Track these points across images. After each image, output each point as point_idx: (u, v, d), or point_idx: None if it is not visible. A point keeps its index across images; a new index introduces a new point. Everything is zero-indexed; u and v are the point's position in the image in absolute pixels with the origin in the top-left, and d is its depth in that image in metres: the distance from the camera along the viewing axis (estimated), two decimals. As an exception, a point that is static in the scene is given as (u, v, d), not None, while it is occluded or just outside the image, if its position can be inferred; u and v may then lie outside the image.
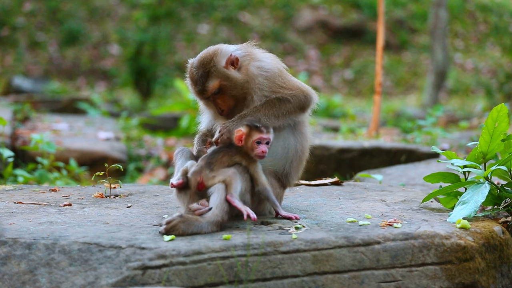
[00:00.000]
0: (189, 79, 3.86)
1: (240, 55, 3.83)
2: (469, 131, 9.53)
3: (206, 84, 3.77)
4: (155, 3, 17.10)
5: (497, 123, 4.07)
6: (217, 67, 3.78)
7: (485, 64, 19.77)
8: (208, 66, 3.78)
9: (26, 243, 3.32)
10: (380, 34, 8.58)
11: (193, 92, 3.86)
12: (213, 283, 3.24)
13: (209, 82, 3.77)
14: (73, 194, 4.41)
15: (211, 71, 3.77)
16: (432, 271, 3.44)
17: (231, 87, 3.78)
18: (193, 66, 3.82)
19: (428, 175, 4.31)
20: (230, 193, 3.54)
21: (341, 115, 13.69)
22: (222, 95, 3.79)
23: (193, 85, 3.83)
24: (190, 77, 3.84)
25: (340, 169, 7.25)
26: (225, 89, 3.77)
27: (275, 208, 3.75)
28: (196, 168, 3.63)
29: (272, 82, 3.81)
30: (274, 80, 3.81)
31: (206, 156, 3.67)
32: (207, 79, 3.77)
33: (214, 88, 3.77)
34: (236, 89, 3.78)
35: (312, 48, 19.81)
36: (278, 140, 3.80)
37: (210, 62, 3.78)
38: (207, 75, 3.77)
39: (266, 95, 3.80)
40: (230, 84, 3.77)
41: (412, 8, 21.39)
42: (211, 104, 3.86)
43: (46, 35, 18.93)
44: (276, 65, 3.88)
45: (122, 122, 11.06)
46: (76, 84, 17.77)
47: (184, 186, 3.69)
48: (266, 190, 3.68)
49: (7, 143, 7.33)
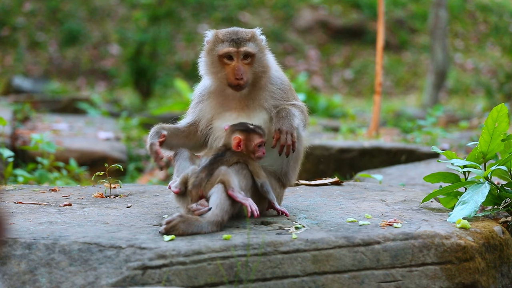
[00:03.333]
0: (218, 38, 3.81)
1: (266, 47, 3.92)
2: (469, 131, 9.53)
3: (247, 42, 3.78)
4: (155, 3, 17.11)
5: (497, 123, 4.07)
6: (258, 38, 3.85)
7: (485, 64, 19.76)
8: (250, 33, 3.83)
9: (26, 243, 3.32)
10: (380, 34, 8.58)
11: (223, 48, 3.78)
12: (213, 283, 3.24)
13: (251, 43, 3.79)
14: (73, 194, 4.41)
15: (254, 37, 3.82)
16: (432, 271, 3.44)
17: (260, 63, 3.81)
18: (226, 30, 3.84)
19: (428, 175, 4.31)
20: (230, 188, 3.54)
21: (341, 115, 13.68)
22: (248, 64, 3.79)
23: (226, 40, 3.79)
24: (222, 35, 3.81)
25: (340, 169, 7.25)
26: (255, 60, 3.80)
27: (271, 201, 3.75)
28: (196, 180, 3.61)
29: (286, 91, 3.88)
30: (288, 91, 3.89)
31: (205, 167, 3.65)
32: (249, 40, 3.79)
33: (251, 50, 3.78)
34: (262, 68, 3.82)
35: (312, 48, 19.81)
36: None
37: (253, 32, 3.85)
38: (251, 38, 3.81)
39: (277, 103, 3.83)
40: (262, 59, 3.82)
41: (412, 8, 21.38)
42: (229, 69, 3.78)
43: (46, 35, 18.93)
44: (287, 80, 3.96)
45: (122, 122, 11.05)
46: (76, 84, 17.77)
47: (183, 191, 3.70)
48: (266, 183, 3.71)
49: (7, 143, 7.33)
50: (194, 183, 3.60)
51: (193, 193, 3.58)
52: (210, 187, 3.57)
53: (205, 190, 3.58)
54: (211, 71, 3.85)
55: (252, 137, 3.69)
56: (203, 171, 3.63)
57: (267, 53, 3.89)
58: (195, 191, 3.58)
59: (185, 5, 20.13)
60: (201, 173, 3.63)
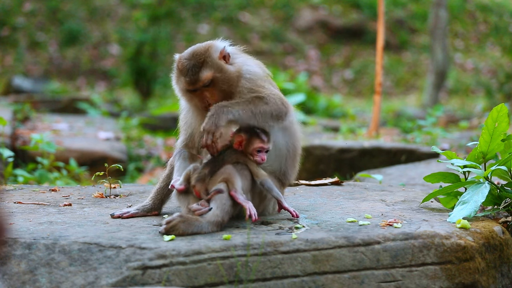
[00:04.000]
0: (178, 70, 3.75)
1: (232, 51, 3.82)
2: (469, 131, 9.53)
3: (199, 74, 3.68)
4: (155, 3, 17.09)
5: (497, 123, 4.07)
6: (212, 57, 3.73)
7: (485, 64, 19.77)
8: (202, 57, 3.72)
9: (26, 243, 3.32)
10: (380, 34, 8.58)
11: (182, 84, 3.74)
12: (213, 283, 3.24)
13: (203, 71, 3.69)
14: (73, 194, 4.41)
15: (206, 61, 3.71)
16: (432, 271, 3.44)
17: (223, 80, 3.71)
18: (184, 57, 3.75)
19: (428, 175, 4.31)
20: (234, 188, 3.54)
21: (341, 115, 13.69)
22: (211, 88, 3.71)
23: (183, 75, 3.71)
24: (180, 68, 3.73)
25: (340, 169, 7.25)
26: (216, 82, 3.70)
27: (278, 199, 3.72)
28: (199, 176, 3.62)
29: (254, 84, 3.77)
30: (256, 82, 3.77)
31: (208, 163, 3.66)
32: (201, 68, 3.69)
33: (207, 78, 3.69)
34: (227, 83, 3.72)
35: (312, 48, 19.81)
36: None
37: (205, 53, 3.73)
38: (201, 65, 3.70)
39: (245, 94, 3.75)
40: (222, 77, 3.71)
41: (412, 8, 21.39)
42: (197, 99, 3.75)
43: (46, 35, 18.93)
44: (262, 71, 3.86)
45: (122, 122, 11.05)
46: (76, 84, 17.77)
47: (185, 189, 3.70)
48: (267, 181, 3.68)
49: (7, 143, 7.33)
50: (198, 178, 3.60)
51: (196, 187, 3.58)
52: (213, 184, 3.57)
53: (207, 186, 3.59)
54: (183, 98, 3.86)
55: (253, 140, 3.68)
56: (206, 167, 3.63)
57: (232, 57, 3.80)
58: (198, 185, 3.58)
59: (185, 5, 20.14)
60: (203, 169, 3.64)
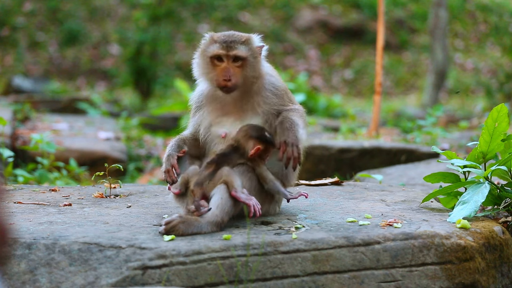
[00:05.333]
0: (213, 39, 3.80)
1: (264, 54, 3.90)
2: (469, 131, 9.53)
3: (238, 46, 3.75)
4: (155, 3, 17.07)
5: (497, 123, 4.07)
6: (252, 43, 3.82)
7: (485, 64, 19.76)
8: (245, 37, 3.81)
9: (26, 243, 3.32)
10: (380, 34, 8.58)
11: (215, 49, 3.77)
12: (213, 283, 3.24)
13: (242, 47, 3.76)
14: (73, 194, 4.41)
15: (247, 41, 3.80)
16: (432, 271, 3.44)
17: (251, 67, 3.78)
18: (224, 32, 3.84)
19: (428, 175, 4.31)
20: (233, 188, 3.53)
21: (341, 115, 13.68)
22: (239, 67, 3.77)
23: (219, 42, 3.77)
24: (217, 36, 3.80)
25: (340, 169, 7.25)
26: (246, 64, 3.77)
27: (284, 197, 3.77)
28: (199, 179, 3.60)
29: (279, 97, 3.84)
30: (281, 96, 3.85)
31: (210, 163, 3.64)
32: (241, 44, 3.77)
33: (242, 53, 3.75)
34: (252, 73, 3.78)
35: (312, 48, 19.80)
36: None
37: (248, 36, 3.83)
38: (242, 42, 3.78)
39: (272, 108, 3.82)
40: (253, 63, 3.78)
41: (412, 8, 21.38)
42: (218, 71, 3.78)
43: (46, 35, 18.93)
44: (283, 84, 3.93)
45: (122, 122, 11.05)
46: (76, 84, 17.77)
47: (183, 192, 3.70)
48: (275, 185, 3.72)
49: (7, 143, 7.32)
50: (197, 181, 3.59)
51: (195, 191, 3.58)
52: (212, 187, 3.57)
53: (207, 189, 3.58)
54: (202, 72, 3.87)
55: (270, 149, 3.72)
56: (208, 168, 3.62)
57: (262, 59, 3.87)
58: (197, 189, 3.58)
59: (185, 5, 20.13)
60: (205, 170, 3.62)
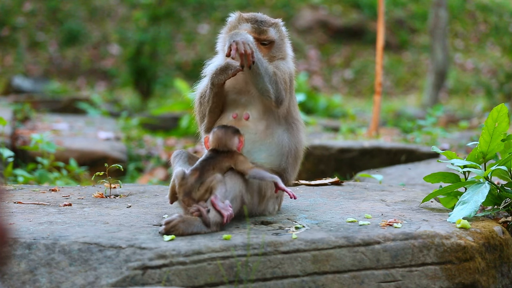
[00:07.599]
0: (244, 19, 3.96)
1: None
2: (469, 131, 9.52)
3: (269, 29, 3.94)
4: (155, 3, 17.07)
5: (497, 123, 4.07)
6: (280, 27, 4.02)
7: (485, 64, 19.76)
8: (274, 21, 4.00)
9: (26, 243, 3.32)
10: (380, 34, 8.58)
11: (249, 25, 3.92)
12: (213, 283, 3.24)
13: (272, 29, 3.95)
14: (73, 194, 4.41)
15: (276, 25, 3.99)
16: (432, 271, 3.44)
17: (277, 49, 3.95)
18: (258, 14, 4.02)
19: (428, 175, 4.31)
20: (214, 195, 3.52)
21: (341, 115, 13.68)
22: (266, 49, 3.91)
23: (250, 23, 3.93)
24: (249, 17, 3.97)
25: (340, 169, 7.25)
26: (273, 46, 3.94)
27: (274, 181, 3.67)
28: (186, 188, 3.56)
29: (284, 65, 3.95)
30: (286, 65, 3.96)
31: (195, 170, 3.60)
32: (271, 27, 3.95)
33: (271, 36, 3.93)
34: (280, 55, 3.94)
35: (312, 48, 19.81)
36: (272, 138, 3.82)
37: (277, 21, 4.02)
38: (272, 25, 3.97)
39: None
40: (279, 46, 3.96)
41: (412, 8, 21.38)
42: None
43: (46, 35, 18.93)
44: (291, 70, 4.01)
45: (122, 122, 11.05)
46: (76, 84, 17.76)
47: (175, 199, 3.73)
48: (255, 171, 3.65)
49: (7, 143, 7.32)
50: (185, 191, 3.58)
51: (185, 202, 3.57)
52: (203, 192, 3.56)
53: (196, 195, 3.57)
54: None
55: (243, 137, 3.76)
56: (193, 174, 3.59)
57: (287, 42, 4.04)
58: (186, 199, 3.57)
59: (185, 5, 20.13)
60: (190, 177, 3.59)
